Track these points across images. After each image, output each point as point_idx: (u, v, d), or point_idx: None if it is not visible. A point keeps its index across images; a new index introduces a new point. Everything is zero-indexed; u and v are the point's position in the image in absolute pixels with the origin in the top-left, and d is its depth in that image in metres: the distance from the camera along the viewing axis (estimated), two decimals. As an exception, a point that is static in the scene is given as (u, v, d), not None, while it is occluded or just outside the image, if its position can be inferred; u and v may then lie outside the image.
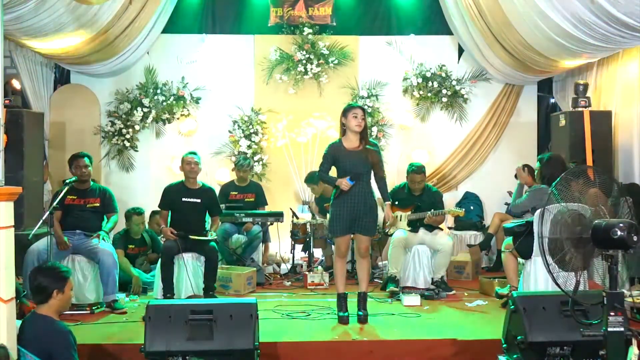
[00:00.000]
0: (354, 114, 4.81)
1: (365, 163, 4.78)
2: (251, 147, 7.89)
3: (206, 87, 7.99)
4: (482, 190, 8.13)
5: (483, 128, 8.15)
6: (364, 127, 4.80)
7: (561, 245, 3.07)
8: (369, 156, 4.76)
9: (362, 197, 4.80)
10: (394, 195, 6.09)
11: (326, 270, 6.64)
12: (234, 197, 7.06)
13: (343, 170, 4.79)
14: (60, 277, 3.51)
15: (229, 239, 6.80)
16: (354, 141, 4.83)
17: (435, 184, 7.83)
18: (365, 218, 4.82)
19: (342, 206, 4.80)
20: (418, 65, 8.05)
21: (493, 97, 8.16)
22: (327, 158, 4.83)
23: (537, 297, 3.84)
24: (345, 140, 4.83)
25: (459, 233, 7.59)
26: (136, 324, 4.79)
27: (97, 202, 5.63)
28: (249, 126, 7.89)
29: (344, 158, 4.76)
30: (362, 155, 4.78)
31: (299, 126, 7.94)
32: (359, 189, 4.78)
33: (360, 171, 4.77)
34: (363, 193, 4.82)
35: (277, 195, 7.87)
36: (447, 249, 6.00)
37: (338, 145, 4.80)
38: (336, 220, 4.81)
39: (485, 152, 8.18)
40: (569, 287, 3.13)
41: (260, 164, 7.93)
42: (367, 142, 4.83)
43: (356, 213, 4.82)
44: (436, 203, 6.15)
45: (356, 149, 4.81)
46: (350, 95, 8.01)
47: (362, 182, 4.78)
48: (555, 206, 3.21)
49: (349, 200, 4.79)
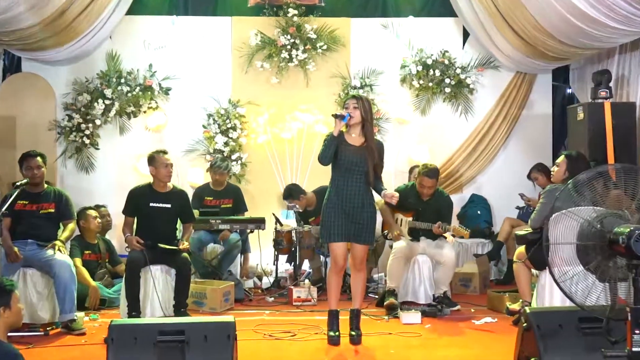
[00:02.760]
0: (346, 104, 4.92)
1: (364, 163, 4.82)
2: (228, 145, 7.89)
3: (177, 76, 8.01)
4: (491, 192, 8.17)
5: (491, 122, 8.17)
6: (364, 119, 4.83)
7: (586, 252, 3.13)
8: (369, 157, 4.82)
9: (360, 199, 4.84)
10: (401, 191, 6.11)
11: (314, 284, 6.65)
12: (209, 202, 7.09)
13: (338, 163, 4.84)
14: (2, 292, 3.46)
15: (203, 249, 6.83)
16: (356, 137, 4.90)
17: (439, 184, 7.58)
18: (363, 224, 4.86)
19: (337, 208, 4.83)
20: (418, 51, 8.09)
21: (502, 87, 8.18)
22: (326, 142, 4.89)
23: (552, 313, 3.85)
24: (347, 134, 4.90)
25: (465, 241, 7.60)
26: (97, 347, 4.74)
27: (51, 208, 5.59)
28: (226, 120, 7.90)
29: (343, 151, 4.82)
30: (363, 153, 4.83)
31: (283, 120, 7.97)
32: (356, 191, 4.83)
33: (358, 170, 4.83)
34: (360, 195, 4.85)
35: (258, 199, 7.89)
36: (450, 262, 6.04)
37: (339, 135, 4.85)
38: (332, 223, 4.83)
39: (494, 150, 8.20)
40: (587, 301, 3.16)
41: (239, 164, 7.93)
42: (371, 139, 4.87)
43: (352, 218, 4.85)
44: (441, 210, 6.16)
45: (357, 145, 4.87)
46: (341, 85, 8.06)
47: (359, 184, 4.82)
48: (576, 209, 3.25)
49: (345, 202, 4.82)
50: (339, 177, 4.89)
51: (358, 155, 4.84)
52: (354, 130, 4.90)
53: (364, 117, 4.84)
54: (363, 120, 4.85)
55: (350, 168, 4.83)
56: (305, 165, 7.83)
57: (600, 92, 6.65)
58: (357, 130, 4.89)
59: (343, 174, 4.86)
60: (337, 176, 4.90)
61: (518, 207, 7.57)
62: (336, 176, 4.91)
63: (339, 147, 4.82)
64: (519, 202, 7.51)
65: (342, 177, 4.86)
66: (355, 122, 4.85)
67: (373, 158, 4.82)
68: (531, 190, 7.58)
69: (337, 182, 4.89)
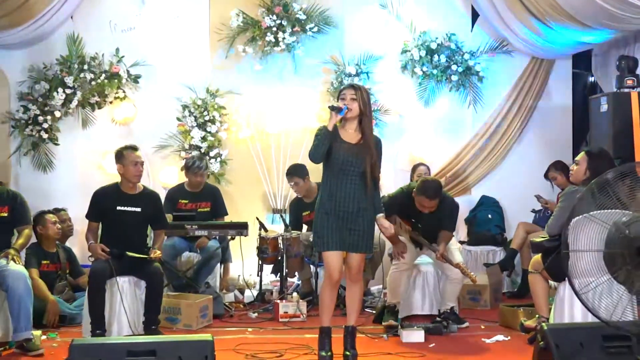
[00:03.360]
0: (342, 95, 4.90)
1: (361, 162, 4.84)
2: (206, 140, 7.88)
3: (148, 62, 7.98)
4: (503, 193, 8.17)
5: (504, 114, 8.18)
6: (362, 113, 4.85)
7: (612, 261, 3.11)
8: (367, 156, 4.83)
9: (355, 204, 4.85)
10: (395, 201, 6.14)
11: (303, 297, 6.68)
12: (184, 206, 7.11)
13: (331, 163, 4.85)
14: None
15: (177, 258, 6.83)
16: (352, 132, 4.91)
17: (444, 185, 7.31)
18: (359, 230, 4.88)
19: (331, 214, 4.85)
20: (420, 34, 8.09)
21: (516, 74, 8.19)
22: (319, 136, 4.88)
23: (573, 330, 3.84)
24: (342, 129, 4.90)
25: (474, 249, 7.64)
26: (56, 370, 4.69)
27: (4, 212, 5.56)
28: (204, 112, 7.89)
29: (337, 149, 4.83)
30: (360, 152, 4.85)
31: (269, 112, 7.97)
32: (352, 194, 4.84)
33: (354, 171, 4.84)
34: (356, 199, 4.86)
35: (240, 201, 7.91)
36: (458, 273, 6.00)
37: (333, 130, 4.85)
38: (326, 229, 4.85)
39: (507, 145, 8.21)
40: (613, 316, 3.15)
41: (219, 162, 7.92)
42: (369, 136, 4.89)
43: (348, 224, 4.86)
44: (443, 218, 6.10)
45: (353, 143, 4.88)
46: (334, 72, 8.05)
47: (355, 186, 4.84)
48: (600, 213, 3.24)
49: (339, 207, 4.84)
50: (332, 178, 4.89)
51: (354, 153, 4.84)
52: (350, 125, 4.90)
53: (362, 110, 4.84)
54: (361, 113, 4.85)
55: (345, 168, 4.84)
56: (292, 162, 7.76)
57: (626, 80, 6.66)
58: (353, 125, 4.90)
59: (336, 175, 4.87)
60: (330, 178, 4.91)
61: (534, 211, 7.57)
62: (329, 178, 4.92)
63: (332, 145, 4.82)
64: (535, 204, 7.51)
65: (336, 179, 4.87)
66: (352, 116, 4.84)
67: (371, 157, 4.84)
68: (549, 191, 7.59)
69: (330, 184, 4.89)
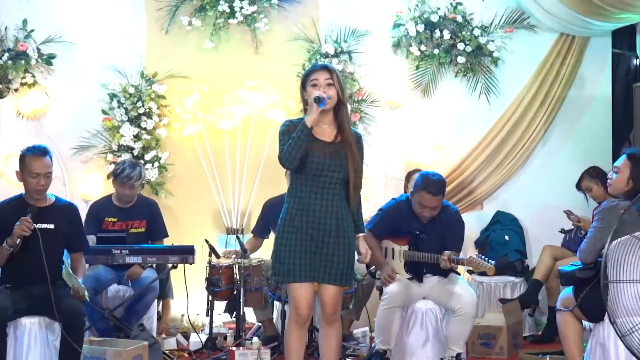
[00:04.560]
0: (313, 81, 4.91)
1: (341, 166, 4.88)
2: (140, 139, 7.88)
3: (64, 38, 7.98)
4: (524, 209, 8.18)
5: (525, 107, 8.15)
6: (340, 102, 4.92)
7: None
8: (349, 157, 4.88)
9: (333, 221, 4.88)
10: (387, 215, 6.28)
11: (266, 343, 6.70)
12: (112, 225, 7.12)
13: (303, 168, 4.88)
14: None
15: (102, 292, 6.81)
16: (327, 128, 4.96)
17: (448, 198, 7.55)
18: (337, 256, 4.90)
19: (300, 233, 4.87)
20: (418, 4, 8.10)
21: (540, 56, 8.17)
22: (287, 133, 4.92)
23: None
24: (314, 125, 4.90)
25: (486, 281, 7.65)
26: None
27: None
28: (137, 103, 7.88)
29: (310, 150, 4.86)
30: (339, 152, 4.90)
31: (221, 103, 7.98)
32: (328, 208, 4.88)
33: (331, 178, 4.88)
34: (334, 215, 4.90)
35: (184, 219, 7.96)
36: (467, 309, 6.05)
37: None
38: (292, 253, 4.88)
39: (529, 147, 8.21)
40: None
41: (156, 167, 7.92)
42: (349, 131, 4.96)
43: (322, 247, 4.89)
44: (447, 232, 6.22)
45: (329, 141, 4.94)
46: (307, 51, 8.07)
47: (333, 198, 4.89)
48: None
49: (311, 224, 4.87)
50: (302, 187, 4.92)
51: (331, 155, 4.88)
52: (324, 119, 4.94)
53: (340, 98, 4.90)
54: (339, 102, 4.91)
55: (320, 175, 4.87)
56: (253, 168, 7.85)
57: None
58: (328, 118, 4.95)
59: (309, 182, 4.90)
60: (300, 186, 4.94)
61: (563, 231, 7.64)
62: (298, 186, 4.94)
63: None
64: (565, 222, 7.58)
65: (308, 188, 4.90)
66: (330, 106, 4.89)
67: (354, 159, 4.89)
68: (582, 205, 7.65)
69: (300, 194, 4.92)
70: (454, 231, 6.27)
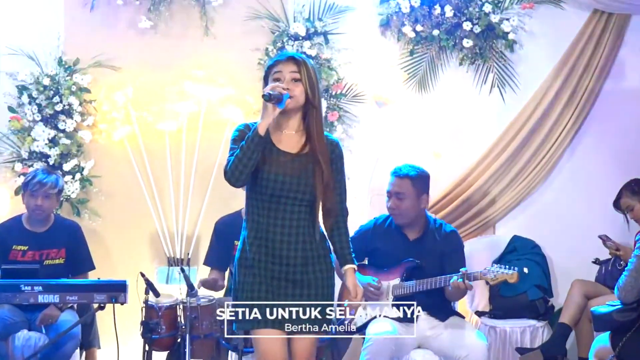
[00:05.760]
0: (276, 74, 4.65)
1: (306, 185, 4.61)
2: (58, 144, 7.45)
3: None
4: (547, 233, 7.68)
5: (548, 103, 7.62)
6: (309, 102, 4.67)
7: None
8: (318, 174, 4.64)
9: (299, 252, 4.62)
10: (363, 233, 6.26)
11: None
12: (22, 255, 6.79)
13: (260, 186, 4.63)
14: None
15: (8, 340, 6.50)
16: (291, 136, 4.72)
17: (452, 220, 7.41)
18: (305, 295, 4.69)
19: (259, 269, 4.61)
20: (412, -29, 7.69)
21: (568, 39, 7.64)
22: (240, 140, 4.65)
23: None
24: (275, 129, 4.69)
25: (501, 324, 7.17)
26: None
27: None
28: (54, 98, 7.44)
29: (269, 163, 4.62)
30: (306, 167, 4.65)
31: (162, 98, 7.60)
32: (294, 237, 4.62)
33: (297, 200, 4.60)
34: (301, 244, 4.64)
35: (114, 247, 7.64)
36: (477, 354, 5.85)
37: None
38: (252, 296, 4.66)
39: (554, 154, 7.69)
40: None
41: (78, 180, 7.49)
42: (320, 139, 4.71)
43: (287, 287, 4.67)
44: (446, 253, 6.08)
45: (295, 152, 4.68)
46: (272, 33, 7.64)
47: (300, 223, 4.63)
48: None
49: (274, 258, 4.61)
50: (259, 210, 4.62)
51: (295, 171, 4.62)
52: (288, 123, 4.64)
53: (309, 97, 4.60)
54: (307, 103, 4.61)
55: (280, 195, 4.59)
56: (202, 180, 7.49)
57: None
58: (294, 123, 4.64)
59: (266, 205, 4.61)
60: (257, 209, 4.63)
61: (597, 261, 7.15)
62: (254, 208, 4.65)
63: (261, 156, 4.63)
64: (599, 251, 7.13)
65: (265, 212, 4.61)
66: (293, 107, 4.58)
67: (326, 175, 4.63)
68: (621, 229, 7.21)
69: (258, 219, 4.63)
70: (452, 254, 6.11)
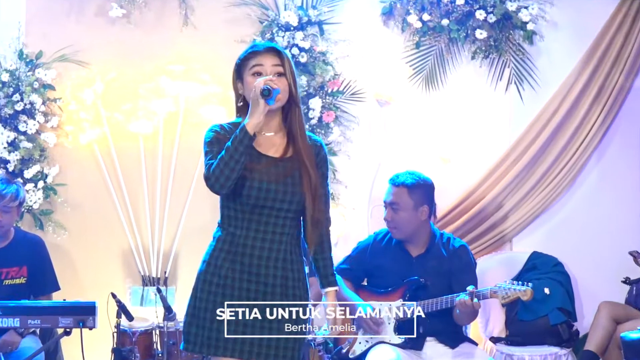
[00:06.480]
0: (255, 67, 4.41)
1: (293, 192, 4.45)
2: (18, 147, 7.37)
3: None
4: (571, 249, 7.47)
5: (572, 102, 7.38)
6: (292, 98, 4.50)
7: None
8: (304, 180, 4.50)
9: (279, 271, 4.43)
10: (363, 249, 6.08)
11: None
12: None
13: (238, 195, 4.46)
14: None
15: None
16: (271, 138, 4.60)
17: (463, 234, 7.19)
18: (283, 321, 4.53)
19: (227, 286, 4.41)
20: (418, -45, 7.47)
21: (595, 30, 7.41)
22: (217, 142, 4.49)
23: None
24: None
25: (519, 352, 6.91)
26: None
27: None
28: (14, 96, 7.34)
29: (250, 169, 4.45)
30: (290, 172, 4.50)
31: (135, 96, 7.49)
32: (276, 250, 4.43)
33: (279, 210, 4.44)
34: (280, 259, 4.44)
35: (81, 264, 7.48)
36: None
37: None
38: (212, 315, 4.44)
39: (578, 160, 7.46)
40: None
41: (41, 188, 7.36)
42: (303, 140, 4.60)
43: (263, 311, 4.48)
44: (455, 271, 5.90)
45: (277, 157, 4.55)
46: (260, 23, 7.49)
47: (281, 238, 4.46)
48: None
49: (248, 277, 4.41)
50: (237, 221, 4.43)
51: (279, 177, 4.48)
52: (268, 124, 4.50)
53: (292, 93, 4.49)
54: (290, 100, 4.47)
55: (262, 205, 4.41)
56: (181, 188, 7.31)
57: None
58: (274, 124, 4.51)
59: (246, 216, 4.43)
60: (234, 220, 4.44)
61: (627, 281, 7.03)
62: (231, 219, 4.45)
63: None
64: (630, 269, 6.96)
65: (244, 223, 4.41)
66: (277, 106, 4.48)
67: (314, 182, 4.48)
68: None
69: (234, 231, 4.43)
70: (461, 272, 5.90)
